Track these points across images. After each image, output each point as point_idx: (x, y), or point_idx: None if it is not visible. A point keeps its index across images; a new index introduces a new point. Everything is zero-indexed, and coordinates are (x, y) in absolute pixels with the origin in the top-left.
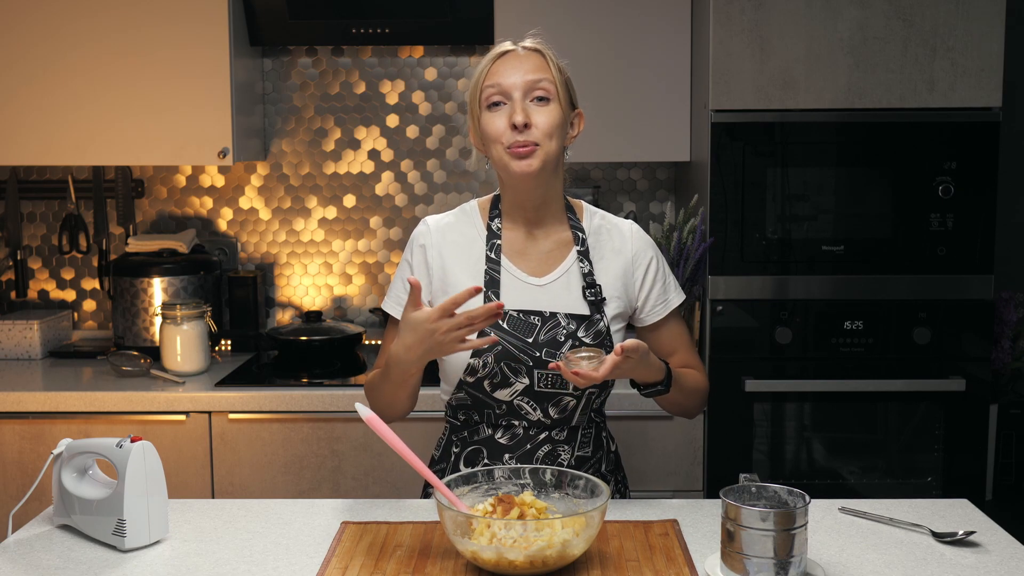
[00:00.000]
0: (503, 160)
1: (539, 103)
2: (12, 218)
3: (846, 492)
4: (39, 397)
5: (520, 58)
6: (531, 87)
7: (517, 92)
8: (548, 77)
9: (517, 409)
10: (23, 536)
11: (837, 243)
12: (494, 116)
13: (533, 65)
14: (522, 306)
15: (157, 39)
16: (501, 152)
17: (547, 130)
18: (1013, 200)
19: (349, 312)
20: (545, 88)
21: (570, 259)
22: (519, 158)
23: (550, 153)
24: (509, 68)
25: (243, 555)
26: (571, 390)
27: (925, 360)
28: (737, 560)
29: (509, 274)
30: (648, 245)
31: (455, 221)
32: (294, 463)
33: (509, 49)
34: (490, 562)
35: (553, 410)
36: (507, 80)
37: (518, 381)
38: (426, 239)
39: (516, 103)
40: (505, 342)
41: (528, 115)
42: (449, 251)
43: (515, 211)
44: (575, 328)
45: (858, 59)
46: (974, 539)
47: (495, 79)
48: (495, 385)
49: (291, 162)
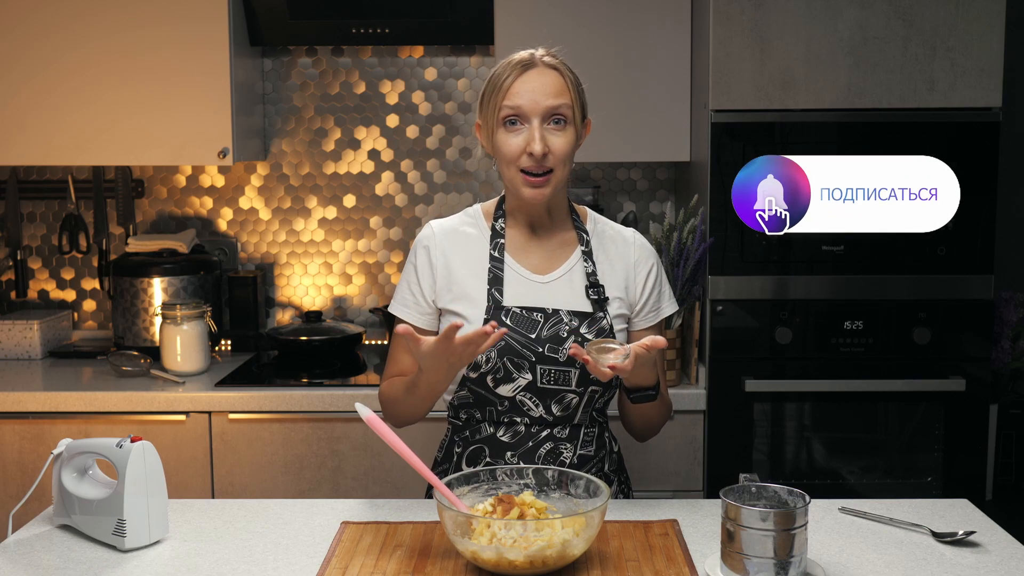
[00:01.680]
0: (515, 182)
1: (556, 126)
2: (12, 218)
3: (846, 492)
4: (39, 397)
5: (541, 77)
6: (551, 112)
7: (536, 118)
8: (567, 101)
9: (519, 405)
10: (23, 536)
11: (837, 243)
12: (510, 136)
13: (554, 88)
14: (525, 302)
15: (157, 39)
16: (514, 174)
17: (563, 156)
18: (1013, 200)
19: (349, 312)
20: (564, 113)
21: (574, 257)
22: (532, 186)
23: (561, 178)
24: (529, 89)
25: (243, 555)
26: (574, 387)
27: (925, 360)
28: (737, 560)
29: (512, 271)
30: (650, 253)
31: (458, 223)
32: (294, 463)
33: (529, 62)
34: (490, 562)
35: (556, 407)
36: (527, 104)
37: (521, 377)
38: (430, 241)
39: (535, 130)
40: (508, 338)
41: (546, 143)
42: (453, 250)
43: (519, 213)
44: (577, 325)
45: (858, 59)
46: (974, 539)
47: (515, 100)
48: (498, 381)
49: (291, 162)
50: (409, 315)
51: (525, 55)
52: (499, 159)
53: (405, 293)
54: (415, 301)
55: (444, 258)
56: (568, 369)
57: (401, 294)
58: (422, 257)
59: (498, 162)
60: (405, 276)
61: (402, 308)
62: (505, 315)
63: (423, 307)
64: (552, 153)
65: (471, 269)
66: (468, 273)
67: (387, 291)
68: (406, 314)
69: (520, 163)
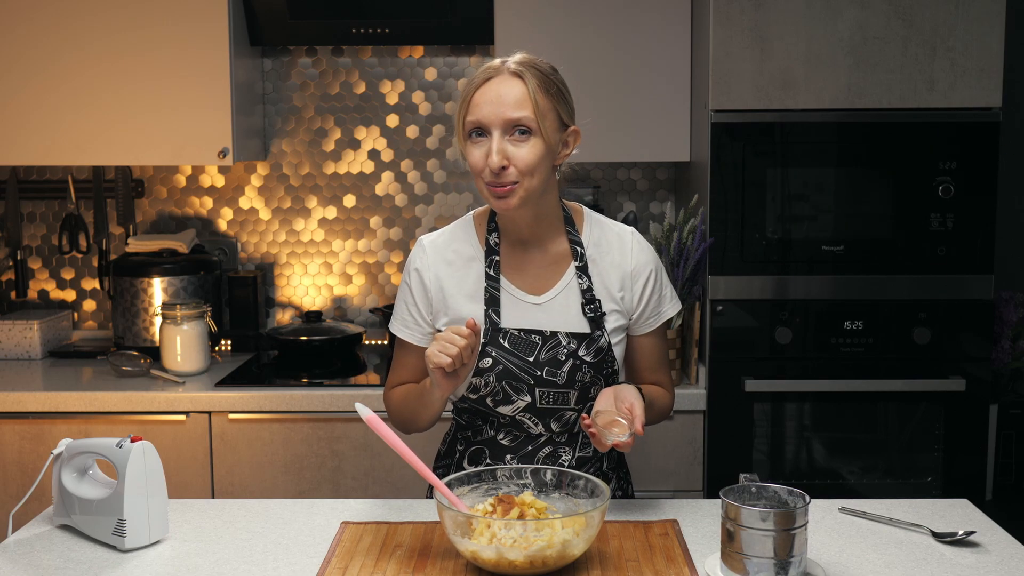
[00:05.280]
0: (484, 193)
1: (519, 136)
2: (12, 218)
3: (846, 492)
4: (39, 397)
5: (500, 87)
6: (512, 124)
7: (497, 130)
8: (527, 113)
9: (519, 423)
10: (23, 536)
11: (837, 243)
12: (475, 148)
13: (514, 99)
14: (522, 325)
15: (157, 39)
16: (482, 186)
17: (525, 168)
18: (1013, 200)
19: (349, 312)
20: (526, 124)
21: (568, 275)
22: (498, 197)
23: (531, 189)
24: (488, 100)
25: (243, 555)
26: (572, 405)
27: (925, 360)
28: (737, 560)
29: (508, 293)
30: (649, 258)
31: (451, 239)
32: (294, 463)
33: (495, 70)
34: (490, 562)
35: (555, 424)
36: (486, 115)
37: (520, 399)
38: (420, 262)
39: (494, 141)
40: (506, 361)
41: (505, 155)
42: (446, 272)
43: (510, 225)
44: (576, 347)
45: (858, 59)
46: (974, 539)
47: (475, 114)
48: (497, 402)
49: (291, 162)
50: (412, 336)
51: (496, 63)
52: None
53: (404, 314)
54: (415, 323)
55: (438, 281)
56: (567, 391)
57: (401, 315)
58: (415, 280)
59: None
60: (402, 296)
61: (404, 329)
62: (503, 337)
63: (424, 328)
64: (514, 165)
65: (465, 290)
66: (462, 295)
67: (387, 291)
68: (408, 335)
69: (484, 175)
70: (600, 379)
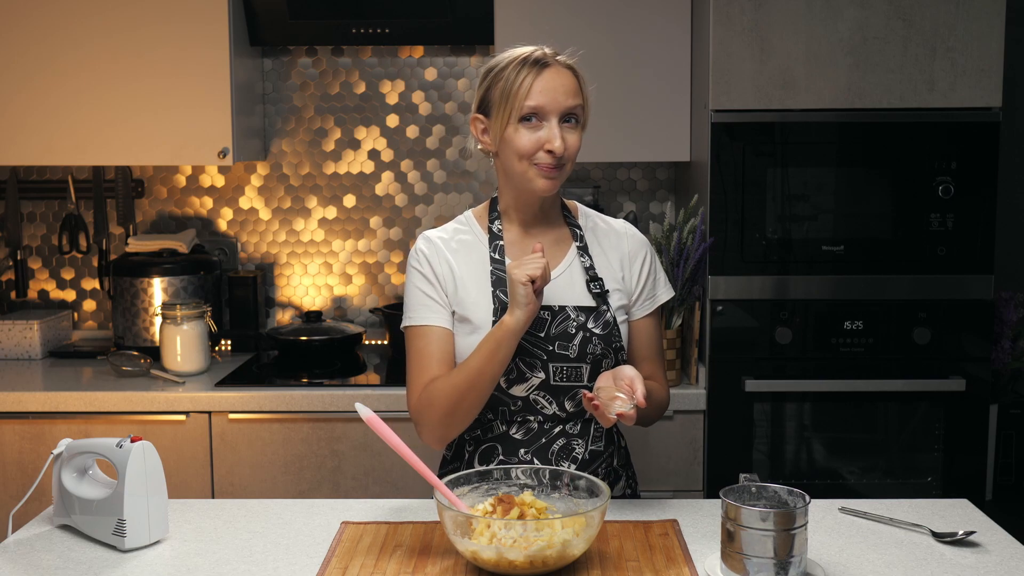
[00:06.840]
0: (527, 175)
1: (569, 124)
2: (12, 218)
3: (846, 492)
4: (39, 397)
5: (559, 76)
6: (568, 112)
7: (555, 117)
8: (581, 103)
9: (533, 404)
10: (23, 536)
11: (837, 243)
12: (527, 132)
13: (570, 88)
14: None
15: (157, 39)
16: (527, 167)
17: (573, 154)
18: (1013, 200)
19: (349, 312)
20: (577, 113)
21: (571, 254)
22: (547, 178)
23: (568, 173)
24: (550, 88)
25: (243, 555)
26: (586, 381)
27: (925, 360)
28: (737, 560)
29: None
30: (642, 243)
31: (452, 232)
32: (294, 463)
33: (544, 60)
34: (490, 562)
35: (569, 403)
36: (548, 103)
37: (534, 376)
38: (428, 248)
39: (553, 128)
40: None
41: (564, 142)
42: (453, 256)
43: (514, 212)
44: (584, 320)
45: (858, 59)
46: (974, 539)
47: (536, 100)
48: (511, 381)
49: (291, 162)
50: (437, 317)
51: (536, 52)
52: (509, 154)
53: (423, 300)
54: (437, 304)
55: (448, 264)
56: (579, 364)
57: (417, 302)
58: (426, 265)
59: (506, 156)
60: (414, 284)
61: (427, 313)
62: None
63: (445, 309)
64: (567, 150)
65: (472, 274)
66: (470, 278)
67: (387, 291)
68: (434, 318)
69: (535, 158)
70: (610, 352)
